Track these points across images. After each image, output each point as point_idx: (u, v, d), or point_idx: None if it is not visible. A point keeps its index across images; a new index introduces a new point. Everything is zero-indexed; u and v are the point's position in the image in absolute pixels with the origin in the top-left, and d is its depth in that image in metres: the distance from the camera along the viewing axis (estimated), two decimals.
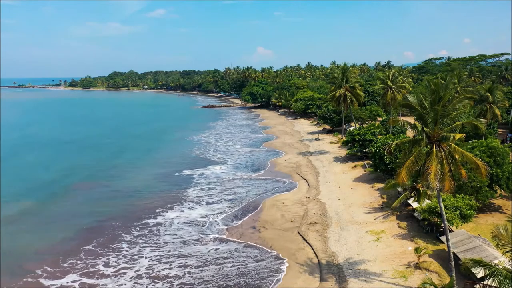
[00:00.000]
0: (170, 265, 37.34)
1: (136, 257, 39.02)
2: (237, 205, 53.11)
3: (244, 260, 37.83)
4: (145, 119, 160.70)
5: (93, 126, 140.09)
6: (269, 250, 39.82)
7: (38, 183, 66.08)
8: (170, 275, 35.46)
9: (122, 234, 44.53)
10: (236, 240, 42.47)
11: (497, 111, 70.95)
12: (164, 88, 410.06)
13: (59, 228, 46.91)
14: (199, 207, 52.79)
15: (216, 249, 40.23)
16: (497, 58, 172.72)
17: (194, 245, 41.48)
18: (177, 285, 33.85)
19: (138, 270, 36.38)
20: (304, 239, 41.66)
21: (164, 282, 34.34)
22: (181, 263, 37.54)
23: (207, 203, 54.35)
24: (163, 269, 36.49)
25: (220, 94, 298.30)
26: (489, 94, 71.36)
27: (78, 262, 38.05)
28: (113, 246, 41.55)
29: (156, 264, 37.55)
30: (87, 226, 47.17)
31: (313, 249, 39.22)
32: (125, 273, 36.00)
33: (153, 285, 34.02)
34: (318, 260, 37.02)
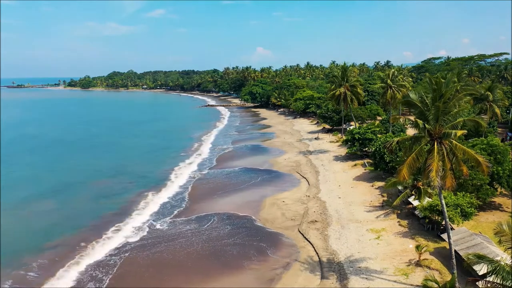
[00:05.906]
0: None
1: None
2: (236, 204, 53.02)
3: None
4: (142, 119, 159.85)
5: (91, 126, 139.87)
6: None
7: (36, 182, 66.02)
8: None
9: (100, 231, 44.99)
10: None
11: (497, 110, 70.92)
12: (163, 88, 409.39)
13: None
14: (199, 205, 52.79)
15: (217, 247, 40.21)
16: (496, 58, 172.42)
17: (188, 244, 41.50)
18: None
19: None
20: (305, 237, 41.62)
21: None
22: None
23: (206, 203, 54.33)
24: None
25: (219, 94, 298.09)
26: (489, 93, 71.34)
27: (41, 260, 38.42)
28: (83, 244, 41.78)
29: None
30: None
31: (313, 247, 39.18)
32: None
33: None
34: (319, 258, 36.99)
